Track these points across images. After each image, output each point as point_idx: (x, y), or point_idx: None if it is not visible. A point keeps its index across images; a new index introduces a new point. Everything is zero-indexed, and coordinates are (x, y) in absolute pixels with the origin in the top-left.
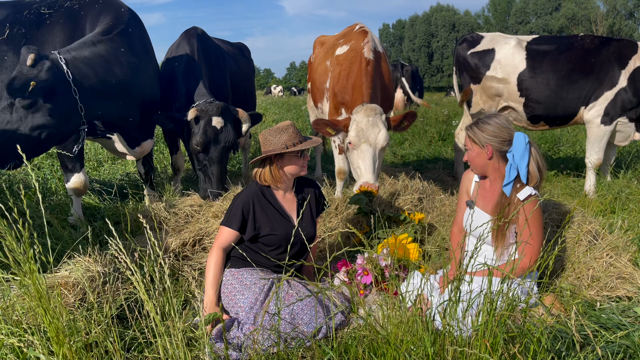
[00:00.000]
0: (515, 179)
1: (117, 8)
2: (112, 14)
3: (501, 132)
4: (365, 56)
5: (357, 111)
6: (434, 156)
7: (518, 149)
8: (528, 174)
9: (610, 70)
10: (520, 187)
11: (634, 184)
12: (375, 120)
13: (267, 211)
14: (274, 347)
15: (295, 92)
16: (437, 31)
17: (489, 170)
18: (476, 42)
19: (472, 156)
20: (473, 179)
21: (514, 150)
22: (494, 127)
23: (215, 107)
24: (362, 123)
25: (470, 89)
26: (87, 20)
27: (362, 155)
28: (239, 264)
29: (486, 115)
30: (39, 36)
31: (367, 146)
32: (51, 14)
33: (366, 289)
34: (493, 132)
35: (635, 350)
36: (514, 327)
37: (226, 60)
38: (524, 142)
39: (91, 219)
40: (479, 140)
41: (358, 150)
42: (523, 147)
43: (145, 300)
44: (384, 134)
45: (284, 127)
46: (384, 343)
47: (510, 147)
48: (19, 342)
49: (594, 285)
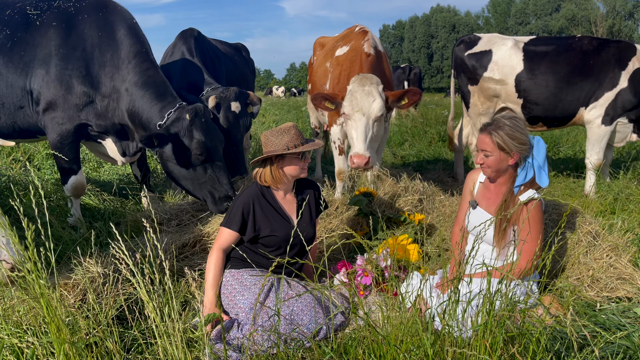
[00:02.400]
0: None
1: (129, 18)
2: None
3: (526, 138)
4: (366, 51)
5: (353, 81)
6: (434, 157)
7: (541, 154)
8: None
9: (611, 71)
10: (524, 189)
11: (634, 185)
12: (371, 89)
13: (267, 212)
14: (273, 348)
15: (296, 93)
16: (437, 32)
17: (503, 174)
18: (473, 44)
19: (492, 161)
20: (477, 180)
21: (536, 156)
22: (521, 134)
23: (232, 92)
24: (357, 92)
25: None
26: (87, 25)
27: (354, 124)
28: (238, 265)
29: (505, 117)
30: (29, 39)
31: (361, 115)
32: (40, 15)
33: (366, 289)
34: (522, 140)
35: (635, 351)
36: (513, 328)
37: (222, 61)
38: (544, 147)
39: (91, 220)
40: (508, 148)
41: (351, 120)
42: (544, 152)
43: (146, 301)
44: (379, 103)
45: (286, 129)
46: (383, 344)
47: (529, 153)
48: (19, 342)
49: (593, 286)
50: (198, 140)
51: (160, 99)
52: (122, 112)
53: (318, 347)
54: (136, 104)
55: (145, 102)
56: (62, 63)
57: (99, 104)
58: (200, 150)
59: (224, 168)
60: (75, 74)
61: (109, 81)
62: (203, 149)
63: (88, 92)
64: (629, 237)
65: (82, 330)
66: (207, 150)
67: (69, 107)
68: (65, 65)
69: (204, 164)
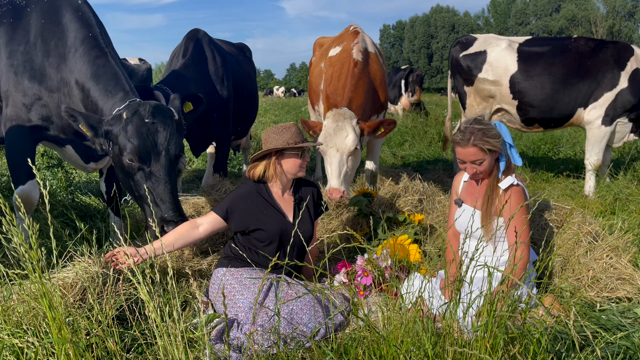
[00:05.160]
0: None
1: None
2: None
3: (497, 130)
4: (354, 57)
5: (327, 116)
6: (434, 157)
7: (507, 136)
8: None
9: (609, 72)
10: (502, 177)
11: (634, 185)
12: (344, 124)
13: (260, 206)
14: (273, 348)
15: (296, 94)
16: (437, 32)
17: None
18: (469, 45)
19: (484, 166)
20: (462, 180)
21: (505, 138)
22: (493, 128)
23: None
24: (330, 128)
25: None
26: (32, 15)
27: (330, 159)
28: (237, 264)
29: (469, 123)
30: None
31: (334, 151)
32: None
33: (366, 290)
34: (498, 134)
35: (635, 351)
36: (513, 328)
37: (228, 62)
38: (505, 127)
39: (91, 220)
40: (495, 147)
41: (326, 156)
42: (508, 132)
43: (147, 301)
44: (352, 138)
45: (287, 126)
46: (383, 344)
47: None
48: (20, 342)
49: (594, 286)
50: (129, 143)
51: (111, 94)
52: (79, 108)
53: (318, 348)
54: (89, 99)
55: (97, 96)
56: (9, 61)
57: (48, 100)
58: (130, 156)
59: (168, 185)
60: (20, 70)
61: (54, 73)
62: (134, 154)
63: (34, 88)
64: (629, 238)
65: (82, 330)
66: (140, 158)
67: (18, 108)
68: (12, 62)
69: (141, 174)
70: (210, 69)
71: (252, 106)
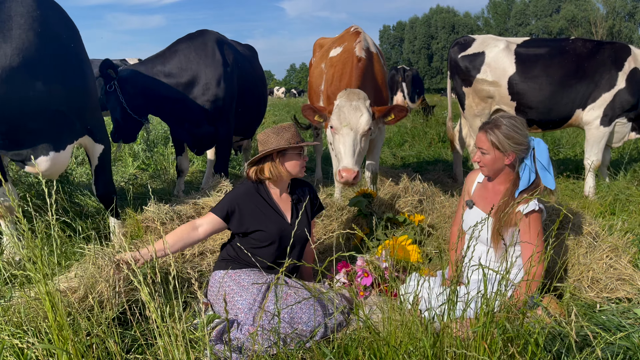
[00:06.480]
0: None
1: None
2: None
3: (524, 139)
4: (357, 54)
5: (340, 96)
6: (434, 158)
7: (544, 156)
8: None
9: (607, 72)
10: (526, 197)
11: (634, 186)
12: (359, 104)
13: (260, 207)
14: (273, 349)
15: (296, 94)
16: (437, 33)
17: (500, 174)
18: (467, 45)
19: (488, 160)
20: (476, 180)
21: (539, 157)
22: (518, 134)
23: None
24: (344, 107)
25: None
26: None
27: (342, 139)
28: (235, 265)
29: (504, 117)
30: None
31: (349, 130)
32: None
33: (366, 290)
34: (518, 141)
35: (635, 352)
36: (511, 329)
37: (236, 61)
38: (546, 148)
39: (92, 220)
40: (503, 147)
41: (339, 135)
42: (547, 154)
43: (148, 301)
44: (366, 118)
45: (287, 126)
46: (383, 345)
47: (527, 154)
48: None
49: (593, 287)
50: None
51: None
52: None
53: (318, 348)
54: None
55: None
56: None
57: None
58: None
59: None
60: None
61: None
62: None
63: None
64: (629, 238)
65: (83, 331)
66: None
67: None
68: None
69: None
70: (205, 64)
71: (260, 107)
